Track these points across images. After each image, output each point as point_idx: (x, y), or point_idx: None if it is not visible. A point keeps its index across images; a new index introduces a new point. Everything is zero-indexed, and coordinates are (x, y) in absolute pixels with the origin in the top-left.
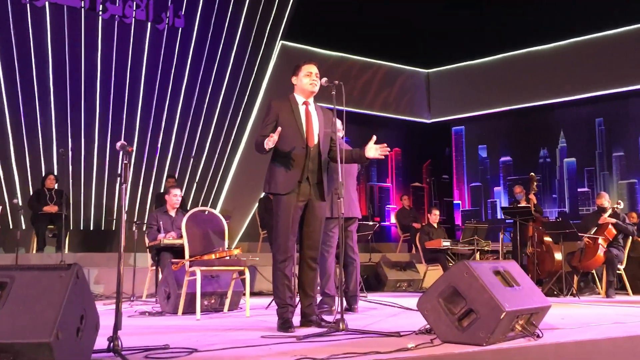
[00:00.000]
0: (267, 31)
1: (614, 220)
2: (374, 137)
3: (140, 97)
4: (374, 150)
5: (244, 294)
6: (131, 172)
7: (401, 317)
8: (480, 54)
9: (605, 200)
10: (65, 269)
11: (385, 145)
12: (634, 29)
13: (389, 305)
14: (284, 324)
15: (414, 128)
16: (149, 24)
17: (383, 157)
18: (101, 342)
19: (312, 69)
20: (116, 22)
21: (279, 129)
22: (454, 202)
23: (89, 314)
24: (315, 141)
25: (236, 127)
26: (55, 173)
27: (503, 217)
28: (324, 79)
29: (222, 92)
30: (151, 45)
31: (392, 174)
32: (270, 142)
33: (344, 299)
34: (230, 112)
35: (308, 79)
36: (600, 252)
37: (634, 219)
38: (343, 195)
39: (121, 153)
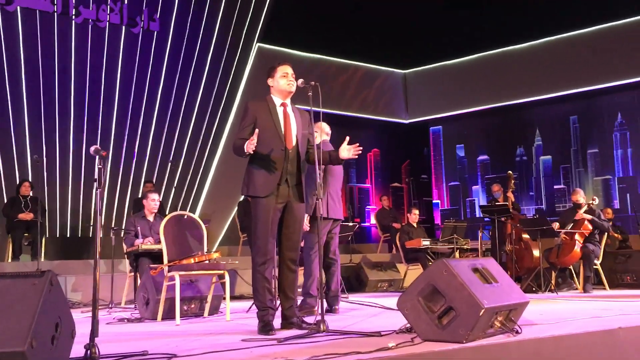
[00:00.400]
0: (244, 33)
1: (589, 217)
2: (347, 138)
3: (116, 102)
4: (346, 151)
5: (224, 298)
6: (108, 177)
7: (382, 317)
8: (456, 54)
9: (580, 197)
10: (38, 277)
11: (358, 145)
12: (607, 27)
13: (370, 306)
14: (265, 327)
15: (392, 129)
16: (124, 27)
17: (356, 157)
18: (78, 350)
19: (288, 69)
20: (90, 26)
21: (257, 131)
22: (433, 201)
23: (64, 322)
24: (294, 143)
25: (214, 130)
26: (30, 180)
27: (482, 215)
28: (300, 80)
29: (199, 95)
30: (126, 49)
31: (371, 175)
32: (250, 147)
33: (324, 300)
34: (208, 115)
35: (285, 80)
36: (577, 247)
37: (609, 215)
38: (328, 196)
39: (97, 157)
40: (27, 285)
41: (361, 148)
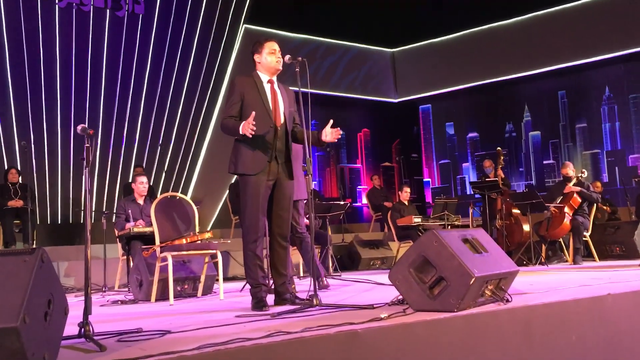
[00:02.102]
0: (230, 14)
1: (578, 189)
2: (331, 122)
3: (103, 87)
4: (329, 135)
5: (218, 279)
6: (97, 162)
7: (375, 292)
8: (443, 32)
9: (570, 170)
10: (29, 254)
11: (339, 129)
12: (594, 0)
13: (363, 282)
14: (258, 303)
15: (381, 108)
16: (108, 11)
17: (335, 140)
18: (72, 330)
19: (275, 46)
20: (74, 10)
21: (253, 113)
22: (424, 180)
23: (56, 299)
24: (282, 120)
25: (203, 113)
26: (19, 166)
27: (472, 192)
28: (288, 57)
29: (187, 79)
30: (111, 33)
31: (362, 155)
32: (247, 130)
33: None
34: (197, 98)
35: (273, 57)
36: (567, 220)
37: (599, 189)
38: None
39: (84, 137)
40: (17, 262)
41: (341, 132)
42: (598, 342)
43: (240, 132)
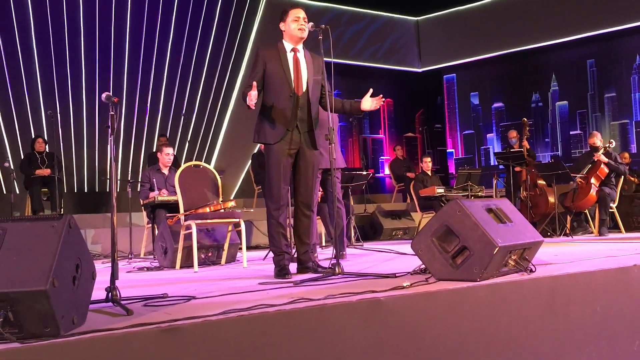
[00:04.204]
0: None
1: (606, 160)
2: (371, 90)
3: (126, 56)
4: (369, 102)
5: (241, 247)
6: (122, 132)
7: (397, 261)
8: None
9: (597, 139)
10: (57, 219)
11: (381, 96)
12: None
13: (385, 252)
14: (281, 271)
15: (405, 78)
16: None
17: (377, 107)
18: (100, 294)
19: (300, 13)
20: None
21: (254, 84)
22: (447, 150)
23: (84, 263)
24: (304, 89)
25: (225, 82)
26: (46, 135)
27: (496, 163)
28: (310, 24)
29: (210, 48)
30: (134, 2)
31: (385, 125)
32: (252, 101)
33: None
34: (219, 67)
35: (296, 24)
36: (593, 191)
37: (626, 160)
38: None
39: (109, 105)
40: (46, 227)
41: (384, 99)
42: (623, 313)
43: (249, 105)
